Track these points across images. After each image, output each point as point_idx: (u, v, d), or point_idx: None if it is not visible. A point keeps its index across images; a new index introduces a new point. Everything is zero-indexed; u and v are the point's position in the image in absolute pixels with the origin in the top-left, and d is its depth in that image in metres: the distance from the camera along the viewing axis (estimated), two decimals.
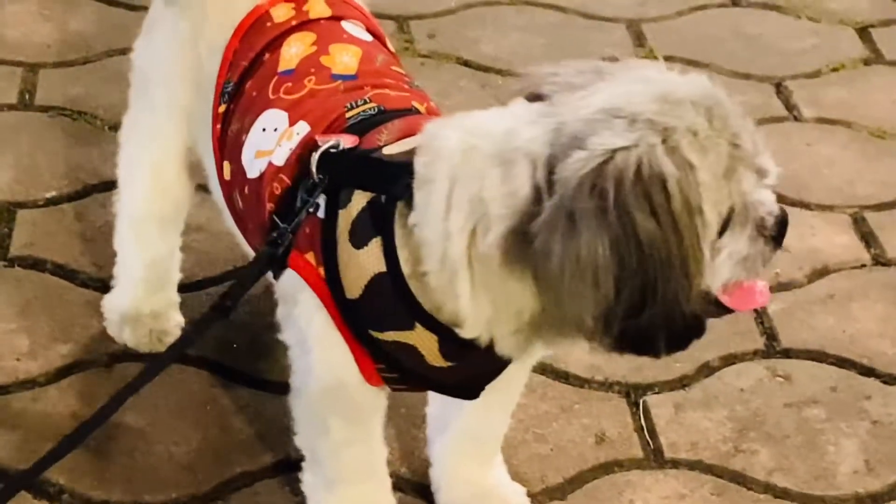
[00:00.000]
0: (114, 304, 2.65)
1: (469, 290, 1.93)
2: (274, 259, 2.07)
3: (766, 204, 1.93)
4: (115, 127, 2.67)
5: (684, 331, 1.90)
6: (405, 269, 1.96)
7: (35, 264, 2.80)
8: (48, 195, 2.97)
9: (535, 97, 1.97)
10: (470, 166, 1.90)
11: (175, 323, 2.65)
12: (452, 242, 1.90)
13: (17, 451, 2.40)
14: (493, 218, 1.87)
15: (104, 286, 2.68)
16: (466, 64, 3.47)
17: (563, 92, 1.94)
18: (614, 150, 1.79)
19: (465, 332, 1.97)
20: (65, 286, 2.74)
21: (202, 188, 2.56)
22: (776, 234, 1.94)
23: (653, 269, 1.80)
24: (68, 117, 3.19)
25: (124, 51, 2.78)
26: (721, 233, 1.88)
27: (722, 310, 1.97)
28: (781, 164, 3.11)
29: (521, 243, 1.86)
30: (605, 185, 1.78)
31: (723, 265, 1.90)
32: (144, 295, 2.62)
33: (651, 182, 1.78)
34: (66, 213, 2.93)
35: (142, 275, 2.61)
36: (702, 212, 1.82)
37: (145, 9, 2.54)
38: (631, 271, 1.80)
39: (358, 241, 1.99)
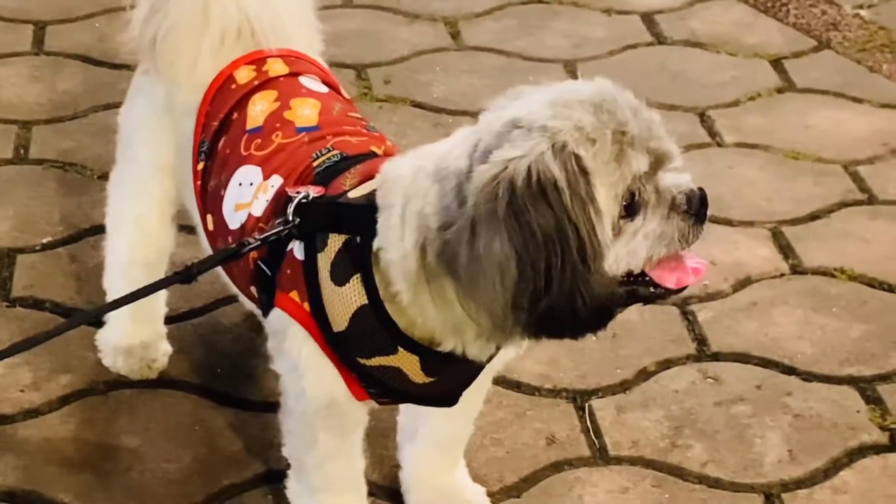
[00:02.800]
0: (107, 338, 2.65)
1: (431, 301, 1.94)
2: (238, 255, 2.06)
3: (679, 184, 1.91)
4: (103, 176, 2.70)
5: (590, 314, 1.87)
6: (382, 294, 1.97)
7: (35, 304, 2.80)
8: (44, 241, 2.97)
9: None
10: (417, 185, 1.93)
11: (163, 352, 2.65)
12: (409, 259, 1.92)
13: (24, 474, 2.41)
14: (433, 231, 1.88)
15: (98, 322, 2.66)
16: (420, 106, 3.47)
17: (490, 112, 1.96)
18: (508, 160, 1.80)
19: (444, 346, 1.97)
20: (62, 321, 2.67)
21: (185, 228, 2.58)
22: (694, 210, 1.91)
23: (550, 259, 1.79)
24: (60, 169, 3.18)
25: (109, 106, 2.82)
26: (631, 215, 1.86)
27: (657, 289, 1.94)
28: (706, 186, 3.17)
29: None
30: (498, 191, 1.78)
31: (639, 245, 1.88)
32: (134, 328, 2.62)
33: (541, 184, 1.78)
34: (62, 256, 2.93)
35: (131, 311, 2.55)
36: (593, 199, 1.81)
37: (128, 67, 2.57)
38: (529, 264, 1.80)
39: (339, 278, 2.00)
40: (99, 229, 2.74)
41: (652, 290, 1.93)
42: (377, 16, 3.86)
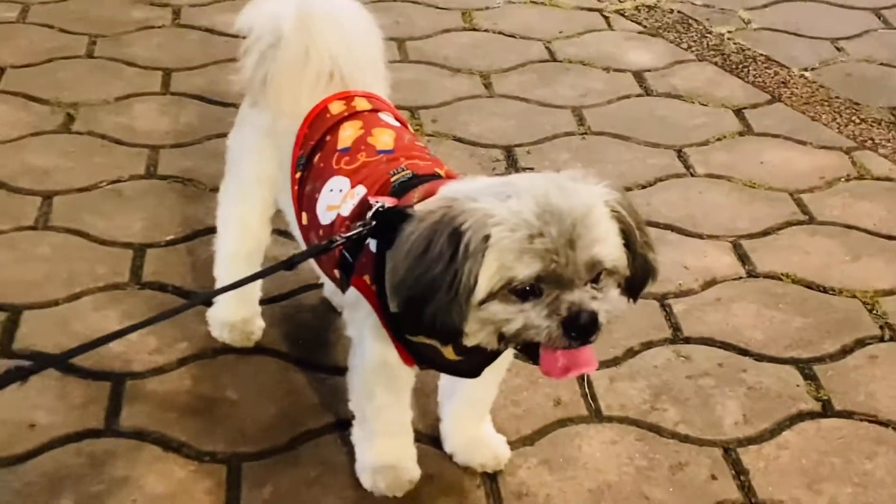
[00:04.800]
0: (216, 315, 2.66)
1: None
2: (329, 249, 2.06)
3: (580, 303, 1.82)
4: (214, 189, 2.71)
5: (437, 323, 1.85)
6: None
7: (160, 287, 2.81)
8: (168, 238, 2.98)
9: None
10: None
11: (258, 326, 2.66)
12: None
13: (150, 418, 2.43)
14: None
15: (208, 302, 2.67)
16: (459, 140, 3.47)
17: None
18: (475, 206, 1.84)
19: (467, 341, 1.94)
20: (181, 302, 2.71)
21: (276, 231, 2.61)
22: (570, 326, 1.82)
23: (427, 269, 1.83)
24: (181, 183, 3.19)
25: (219, 135, 2.81)
26: (522, 298, 1.83)
27: (536, 362, 1.91)
28: (681, 209, 3.20)
29: None
30: (447, 214, 1.85)
31: (516, 317, 1.84)
32: (237, 308, 2.64)
33: (457, 227, 1.82)
34: (181, 250, 2.94)
35: (235, 294, 2.50)
36: (479, 265, 1.80)
37: (233, 105, 2.57)
38: (415, 264, 1.85)
39: None
40: (210, 230, 2.74)
41: (531, 357, 1.92)
42: (427, 69, 3.88)
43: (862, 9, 4.45)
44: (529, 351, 1.91)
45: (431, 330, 1.90)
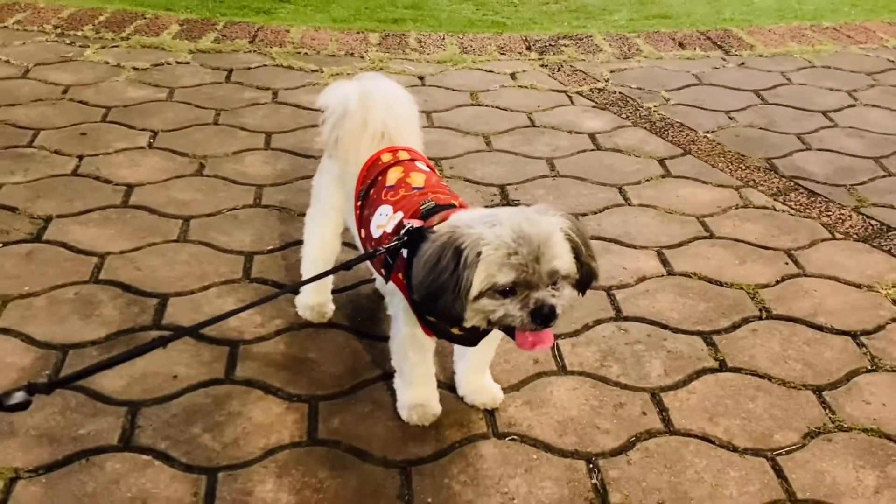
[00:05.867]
0: (301, 300, 2.65)
1: None
2: (375, 255, 2.07)
3: (542, 299, 1.84)
4: (301, 215, 2.71)
5: (446, 312, 1.88)
6: None
7: (263, 281, 2.77)
8: (269, 248, 2.96)
9: None
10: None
11: (330, 308, 2.64)
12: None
13: (255, 372, 2.43)
14: None
15: (296, 291, 2.66)
16: (468, 181, 3.46)
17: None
18: (468, 230, 1.86)
19: (466, 324, 1.95)
20: (277, 291, 2.70)
21: (345, 243, 2.60)
22: (539, 317, 1.84)
23: (438, 276, 1.84)
24: (278, 210, 3.18)
25: (305, 177, 2.82)
26: (504, 296, 1.84)
27: (512, 339, 1.91)
28: (622, 230, 3.19)
29: None
30: (450, 236, 1.86)
31: (498, 309, 1.86)
32: (315, 295, 2.63)
33: (458, 247, 1.84)
34: (278, 256, 2.92)
35: (314, 287, 2.58)
36: (473, 273, 1.82)
37: (314, 157, 2.58)
38: (429, 272, 1.86)
39: None
40: (298, 242, 2.73)
41: (511, 336, 1.92)
42: (446, 132, 3.86)
43: (747, 90, 4.43)
44: (508, 331, 1.93)
45: (442, 316, 1.91)
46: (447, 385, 2.40)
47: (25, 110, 3.83)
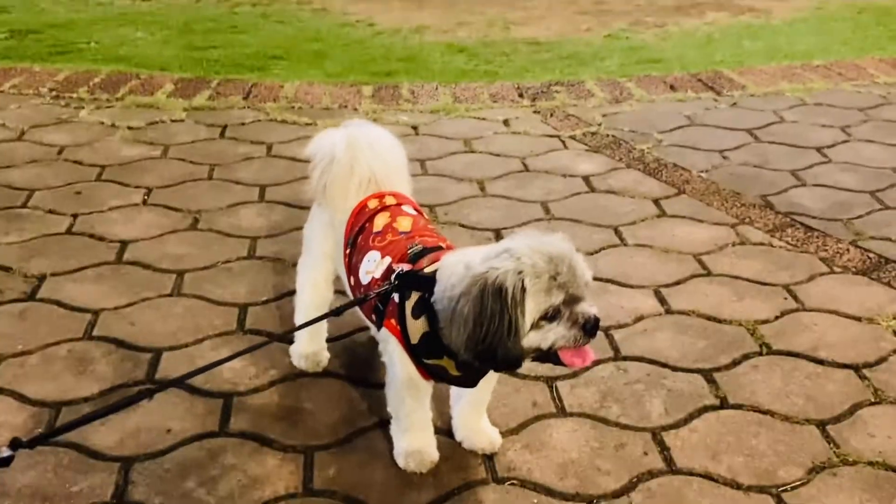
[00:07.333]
0: (295, 349, 2.64)
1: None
2: (365, 301, 2.07)
3: (586, 312, 1.87)
4: (294, 264, 2.70)
5: (504, 361, 1.87)
6: (438, 325, 1.97)
7: (258, 332, 2.77)
8: (263, 299, 2.97)
9: None
10: (453, 270, 1.94)
11: (325, 357, 2.63)
12: (444, 310, 1.93)
13: (250, 423, 2.41)
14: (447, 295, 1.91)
15: (290, 340, 2.66)
16: (463, 226, 3.47)
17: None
18: (490, 268, 1.84)
19: (462, 357, 1.95)
20: (265, 340, 2.68)
21: (338, 291, 2.59)
22: (588, 328, 1.88)
23: (490, 327, 1.81)
24: (272, 262, 3.19)
25: (298, 228, 2.81)
26: (550, 321, 1.85)
27: (559, 362, 1.92)
28: (619, 270, 3.18)
29: None
30: (478, 282, 1.83)
31: (547, 337, 1.87)
32: (310, 343, 2.62)
33: (498, 287, 1.81)
34: (272, 308, 2.92)
35: (308, 334, 2.58)
36: (523, 305, 1.81)
37: (307, 208, 2.59)
38: (479, 325, 1.82)
39: (415, 315, 2.02)
40: (291, 292, 2.73)
41: (555, 360, 1.92)
42: (440, 179, 3.89)
43: (740, 129, 4.47)
44: (551, 358, 1.92)
45: (503, 364, 1.89)
46: (445, 431, 2.37)
47: (20, 172, 3.87)
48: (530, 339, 1.86)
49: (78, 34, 5.74)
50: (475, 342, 1.85)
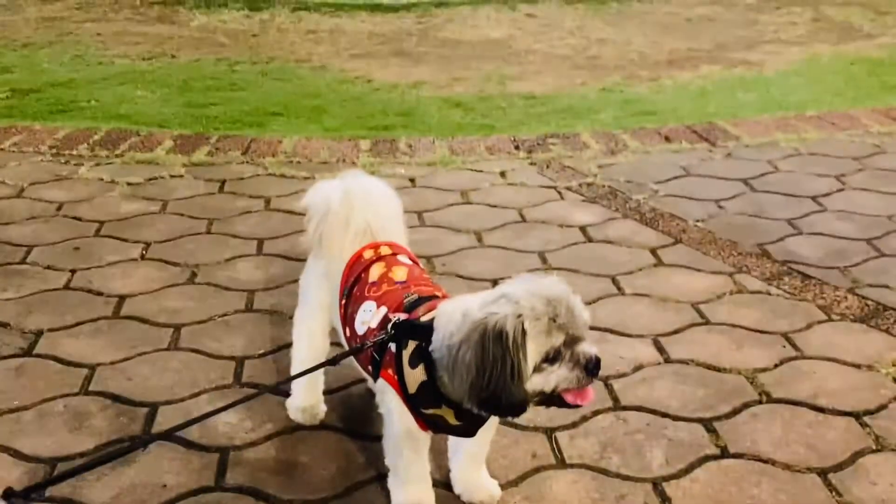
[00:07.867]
0: (292, 402, 2.63)
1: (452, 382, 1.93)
2: (361, 351, 2.07)
3: (587, 352, 1.87)
4: (291, 316, 2.69)
5: (509, 407, 1.87)
6: (436, 374, 1.97)
7: (255, 385, 2.78)
8: (260, 352, 2.96)
9: None
10: (451, 317, 1.94)
11: (322, 410, 2.62)
12: (442, 358, 1.93)
13: (247, 478, 2.40)
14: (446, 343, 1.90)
15: (286, 393, 2.66)
16: (460, 276, 3.48)
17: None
18: (489, 314, 1.84)
19: (464, 406, 1.95)
20: (257, 391, 2.69)
21: (334, 343, 2.57)
22: (590, 368, 1.88)
23: (493, 373, 1.80)
24: (269, 314, 3.18)
25: (295, 281, 2.81)
26: (551, 363, 1.85)
27: (564, 403, 1.92)
28: (617, 319, 3.18)
29: None
30: (477, 328, 1.82)
31: (549, 380, 1.87)
32: (306, 396, 2.61)
33: (498, 331, 1.81)
34: (269, 361, 2.92)
35: (305, 386, 2.57)
36: (525, 349, 1.81)
37: (302, 259, 2.61)
38: (481, 372, 1.81)
39: (413, 364, 2.01)
40: (290, 345, 2.70)
41: (559, 402, 1.91)
42: (437, 230, 3.91)
43: (735, 179, 4.50)
44: (554, 401, 1.91)
45: (508, 410, 1.88)
46: (443, 484, 2.35)
47: (19, 228, 3.89)
48: (534, 383, 1.86)
49: (78, 93, 5.82)
50: (479, 389, 1.84)
